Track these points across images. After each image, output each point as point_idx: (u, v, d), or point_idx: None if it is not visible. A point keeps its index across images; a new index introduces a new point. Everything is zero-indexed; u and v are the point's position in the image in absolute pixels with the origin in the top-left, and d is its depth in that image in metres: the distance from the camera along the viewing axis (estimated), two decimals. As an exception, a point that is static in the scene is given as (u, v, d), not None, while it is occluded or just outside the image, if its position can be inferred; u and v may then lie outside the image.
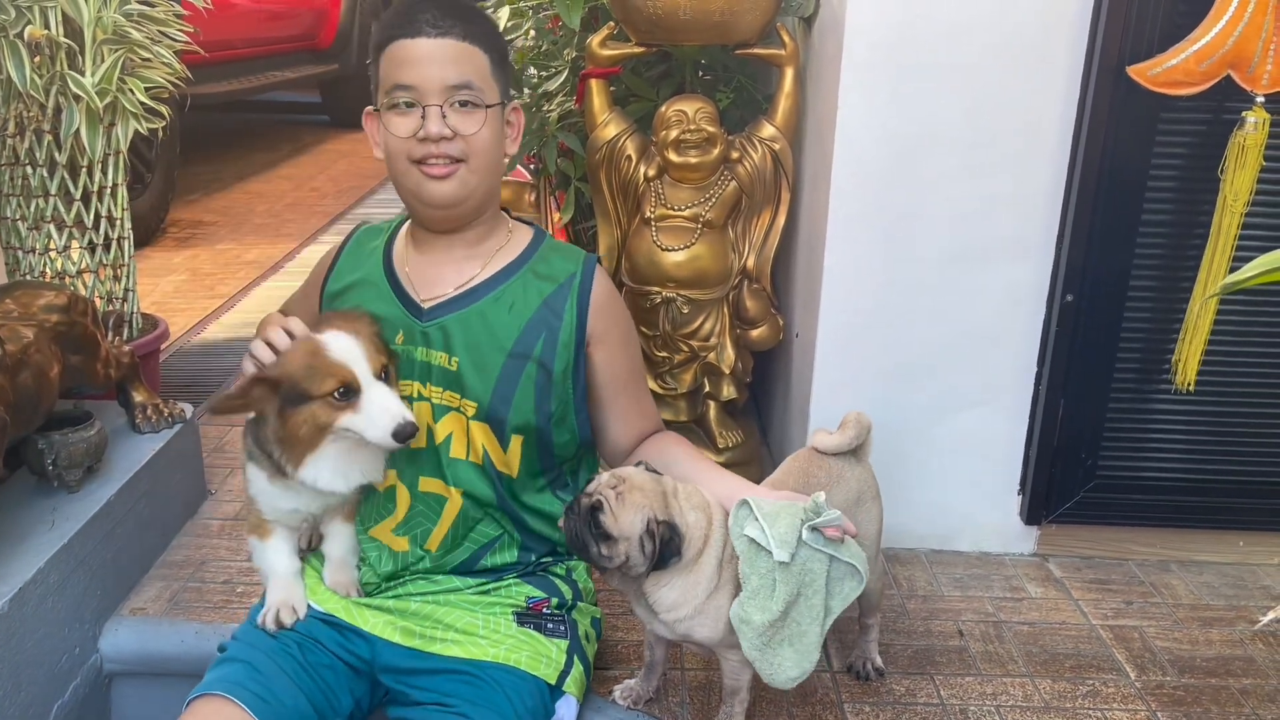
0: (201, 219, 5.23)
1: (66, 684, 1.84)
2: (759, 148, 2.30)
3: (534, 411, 1.60)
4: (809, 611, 1.53)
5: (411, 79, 1.50)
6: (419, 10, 1.51)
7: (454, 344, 1.58)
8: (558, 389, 1.60)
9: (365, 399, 1.45)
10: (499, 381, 1.58)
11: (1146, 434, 2.21)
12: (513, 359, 1.58)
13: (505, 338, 1.58)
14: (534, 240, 1.67)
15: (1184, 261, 2.09)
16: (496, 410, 1.58)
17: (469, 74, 1.51)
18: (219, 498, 2.46)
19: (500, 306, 1.59)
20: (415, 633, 1.59)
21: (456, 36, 1.50)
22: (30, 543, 1.81)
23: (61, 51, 2.40)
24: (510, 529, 1.65)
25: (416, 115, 1.50)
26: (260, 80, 6.17)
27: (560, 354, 1.60)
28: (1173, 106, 1.99)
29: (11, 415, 1.76)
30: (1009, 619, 2.10)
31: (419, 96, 1.50)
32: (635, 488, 1.49)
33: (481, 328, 1.58)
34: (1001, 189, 2.09)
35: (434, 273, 1.62)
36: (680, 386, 2.41)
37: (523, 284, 1.61)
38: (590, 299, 1.61)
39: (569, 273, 1.62)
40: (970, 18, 1.99)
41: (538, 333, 1.59)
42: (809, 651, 1.54)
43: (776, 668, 1.53)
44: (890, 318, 2.18)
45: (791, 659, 1.53)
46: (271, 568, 1.62)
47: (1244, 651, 2.02)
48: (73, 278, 2.58)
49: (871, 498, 1.77)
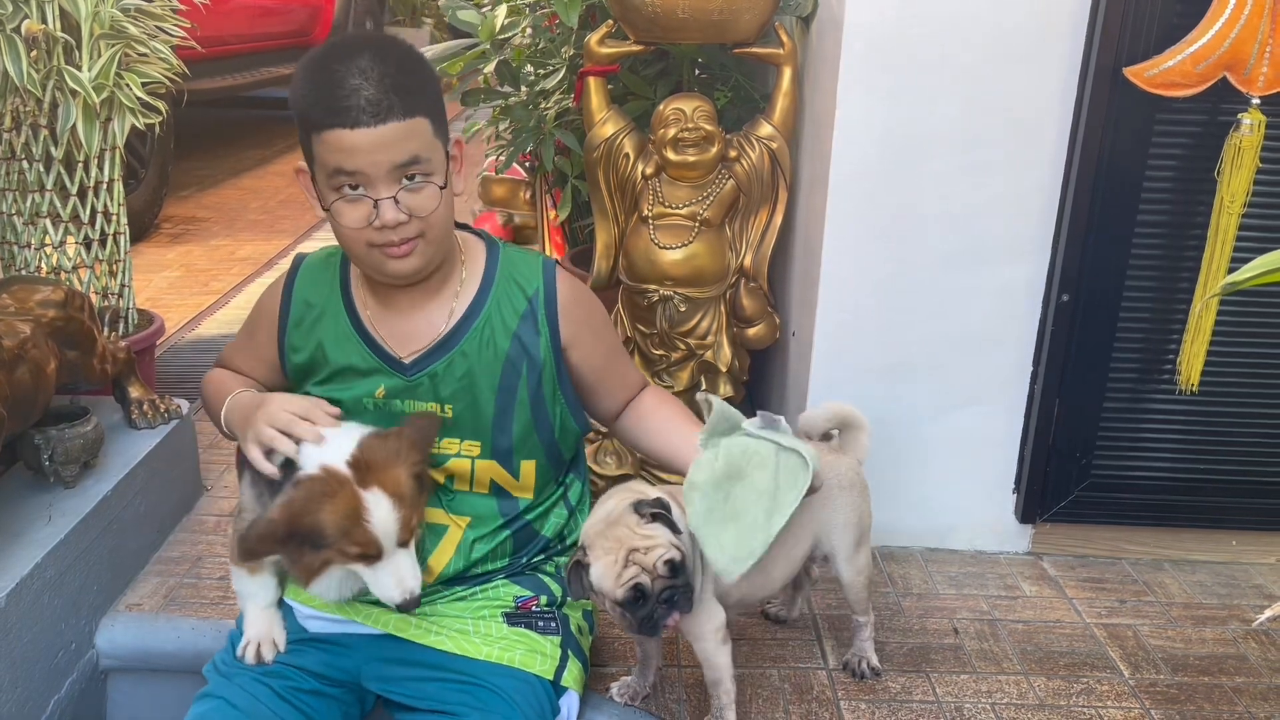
0: (195, 215, 5.21)
1: (63, 680, 1.84)
2: (757, 146, 2.30)
3: (535, 433, 1.59)
4: (752, 490, 1.53)
5: (355, 166, 1.39)
6: (351, 95, 1.36)
7: (443, 392, 1.54)
8: (549, 405, 1.60)
9: (384, 565, 1.39)
10: (496, 417, 1.56)
11: (1141, 433, 2.22)
12: (503, 391, 1.55)
13: (490, 375, 1.55)
14: (489, 258, 1.60)
15: (1180, 262, 2.10)
16: (500, 443, 1.57)
17: (415, 149, 1.40)
18: (214, 494, 2.45)
19: (479, 344, 1.55)
20: (409, 623, 1.58)
21: (398, 117, 1.37)
22: (27, 538, 1.81)
23: (58, 46, 2.39)
24: (508, 539, 1.65)
25: (367, 204, 1.40)
26: (254, 76, 6.15)
27: (545, 376, 1.58)
28: (1169, 108, 2.00)
29: (8, 410, 1.75)
30: (1004, 617, 2.11)
31: (366, 183, 1.40)
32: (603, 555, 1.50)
33: (465, 369, 1.54)
34: (998, 189, 2.10)
35: (407, 327, 1.56)
36: (677, 384, 2.41)
37: (494, 312, 1.56)
38: (557, 308, 1.58)
39: (532, 288, 1.58)
40: (968, 18, 2.00)
41: (519, 358, 1.56)
42: (752, 532, 1.51)
43: (718, 546, 1.51)
44: (887, 316, 2.19)
45: (731, 539, 1.51)
46: (253, 596, 1.58)
47: (1237, 650, 2.03)
48: (68, 273, 2.58)
49: (846, 487, 1.77)
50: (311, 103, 1.40)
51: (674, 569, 1.48)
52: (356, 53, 1.39)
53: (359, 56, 1.38)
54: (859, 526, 1.79)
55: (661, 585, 1.48)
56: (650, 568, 1.47)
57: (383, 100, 1.36)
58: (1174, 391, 2.16)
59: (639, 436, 1.73)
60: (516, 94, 2.71)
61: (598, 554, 1.50)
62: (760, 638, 1.99)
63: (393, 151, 1.39)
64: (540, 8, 2.75)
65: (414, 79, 1.42)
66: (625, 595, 1.48)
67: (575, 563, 1.53)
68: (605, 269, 2.43)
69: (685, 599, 1.50)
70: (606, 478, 2.35)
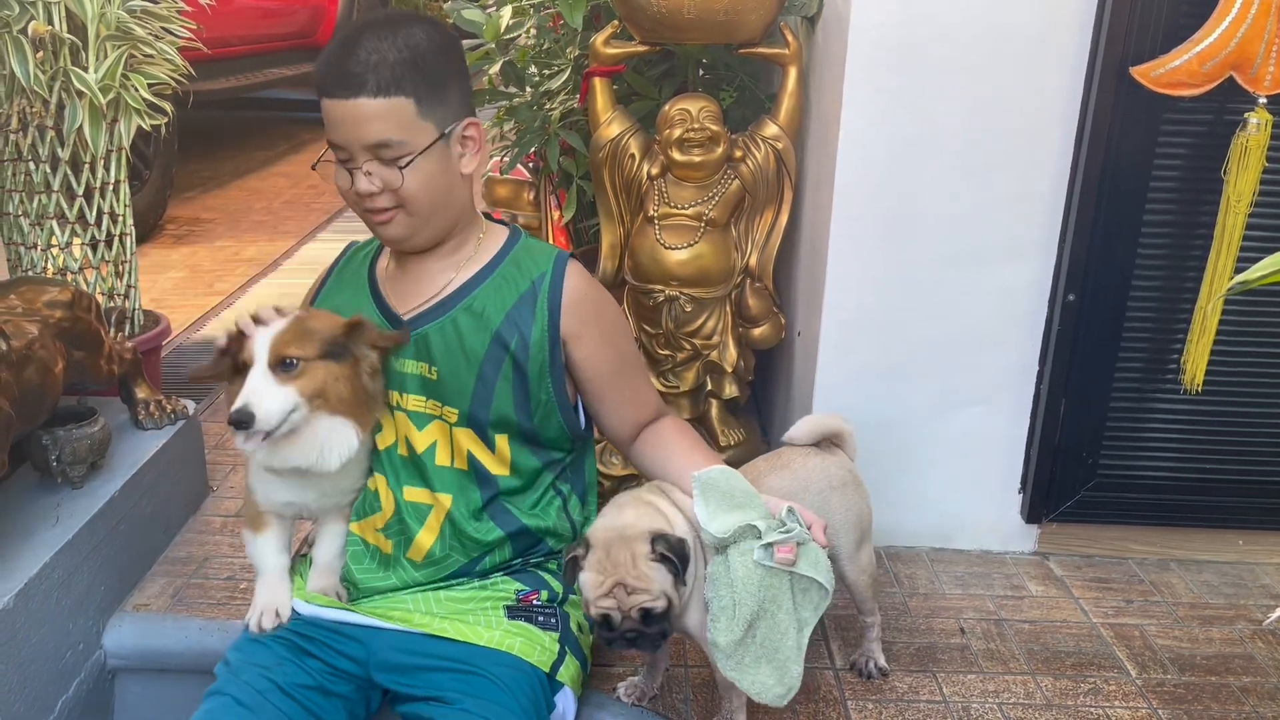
0: (199, 216, 5.22)
1: (71, 680, 1.84)
2: (762, 146, 2.30)
3: (514, 410, 1.60)
4: (777, 628, 1.53)
5: (336, 138, 1.50)
6: (333, 64, 1.47)
7: (433, 353, 1.59)
8: (534, 389, 1.61)
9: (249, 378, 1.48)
10: (477, 385, 1.59)
11: (1147, 433, 2.22)
12: (488, 363, 1.59)
13: (479, 343, 1.59)
14: (507, 243, 1.67)
15: (1186, 261, 2.10)
16: (477, 414, 1.60)
17: (386, 131, 1.47)
18: (220, 494, 2.46)
19: (472, 313, 1.59)
20: (411, 615, 1.60)
21: (368, 94, 1.44)
22: (35, 539, 1.81)
23: (65, 47, 2.39)
24: (502, 533, 1.65)
25: (344, 172, 1.52)
26: (258, 77, 6.16)
27: (534, 355, 1.59)
28: (1175, 107, 2.00)
29: (16, 411, 1.76)
30: (1010, 617, 2.11)
31: (346, 155, 1.51)
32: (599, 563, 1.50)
33: (455, 335, 1.59)
34: (1005, 188, 2.10)
35: (410, 286, 1.64)
36: (682, 385, 2.41)
37: (493, 289, 1.61)
38: (562, 297, 1.60)
39: (538, 272, 1.62)
40: (974, 17, 2.00)
41: (510, 335, 1.58)
42: (788, 665, 1.54)
43: (760, 685, 1.53)
44: (893, 316, 2.19)
45: (772, 675, 1.53)
46: (261, 563, 1.64)
47: (1244, 650, 2.03)
48: (75, 274, 2.58)
49: (839, 487, 1.76)
50: (317, 66, 1.51)
51: (647, 619, 1.49)
52: (375, 27, 1.48)
53: (373, 31, 1.47)
54: (858, 526, 1.79)
55: (629, 626, 1.49)
56: (627, 609, 1.48)
57: (353, 78, 1.45)
58: (1180, 391, 2.15)
59: (655, 463, 1.69)
60: (521, 94, 2.71)
61: (591, 563, 1.51)
62: (767, 638, 1.99)
63: (362, 130, 1.47)
64: (545, 8, 2.74)
65: (407, 57, 1.47)
66: (595, 616, 1.51)
67: (573, 557, 1.53)
68: (611, 269, 2.43)
69: (649, 643, 1.53)
70: (612, 478, 2.35)
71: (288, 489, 1.60)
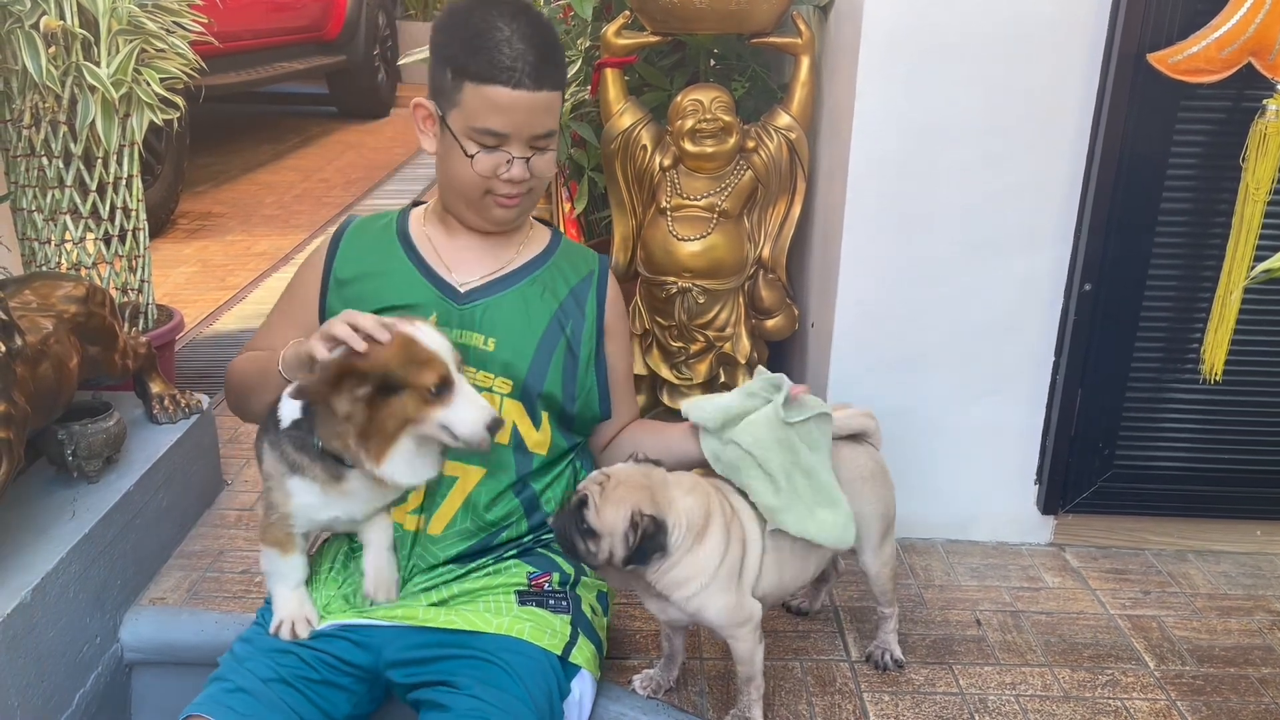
0: (211, 210, 5.23)
1: (88, 673, 1.85)
2: (775, 137, 2.29)
3: (561, 390, 1.66)
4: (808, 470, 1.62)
5: (504, 127, 1.52)
6: (519, 57, 1.49)
7: (494, 325, 1.63)
8: (582, 374, 1.68)
9: (458, 394, 1.41)
10: (535, 358, 1.64)
11: (1164, 423, 2.21)
12: (547, 338, 1.65)
13: (541, 319, 1.65)
14: (554, 237, 1.76)
15: (1204, 250, 2.08)
16: (532, 385, 1.64)
17: (551, 122, 1.57)
18: (235, 488, 2.46)
19: (535, 290, 1.67)
20: (416, 611, 1.60)
21: (550, 87, 1.53)
22: (51, 533, 1.82)
23: (77, 42, 2.39)
24: (521, 511, 1.66)
25: (502, 157, 1.54)
26: (267, 72, 6.16)
27: (585, 342, 1.69)
28: (1193, 94, 1.98)
29: (32, 406, 1.76)
30: (1026, 609, 2.10)
31: (507, 143, 1.54)
32: (621, 483, 1.52)
33: (520, 309, 1.65)
34: (1020, 178, 2.08)
35: (468, 256, 1.67)
36: (696, 376, 2.41)
37: (553, 273, 1.70)
38: (606, 295, 1.73)
39: (589, 269, 1.73)
40: (989, 4, 1.99)
41: (568, 318, 1.67)
42: (834, 497, 1.63)
43: (829, 526, 1.61)
44: (907, 307, 2.18)
45: (830, 513, 1.62)
46: (285, 578, 1.59)
47: (1263, 641, 2.02)
48: (88, 269, 2.58)
49: (868, 478, 1.75)
50: (472, 52, 1.50)
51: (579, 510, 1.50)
52: (517, 15, 1.51)
53: (520, 20, 1.50)
54: (885, 517, 1.78)
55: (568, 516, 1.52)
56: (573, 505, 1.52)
57: (544, 70, 1.51)
58: (1197, 381, 2.14)
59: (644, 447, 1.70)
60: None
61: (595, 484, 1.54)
62: (783, 630, 1.99)
63: (539, 120, 1.53)
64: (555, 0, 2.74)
65: (560, 53, 1.56)
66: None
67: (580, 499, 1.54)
68: (623, 261, 2.43)
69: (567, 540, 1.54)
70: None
71: (338, 505, 1.52)
